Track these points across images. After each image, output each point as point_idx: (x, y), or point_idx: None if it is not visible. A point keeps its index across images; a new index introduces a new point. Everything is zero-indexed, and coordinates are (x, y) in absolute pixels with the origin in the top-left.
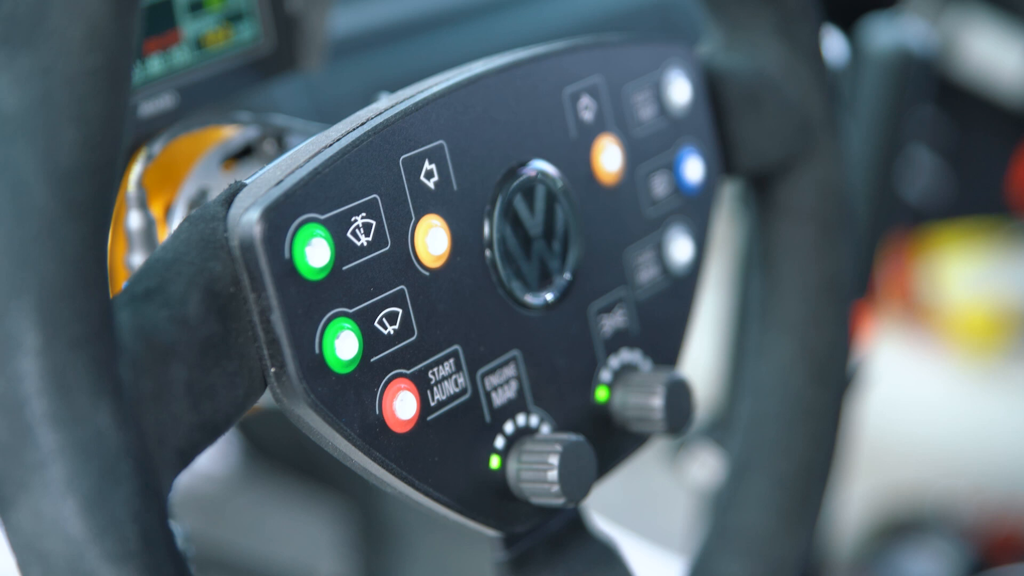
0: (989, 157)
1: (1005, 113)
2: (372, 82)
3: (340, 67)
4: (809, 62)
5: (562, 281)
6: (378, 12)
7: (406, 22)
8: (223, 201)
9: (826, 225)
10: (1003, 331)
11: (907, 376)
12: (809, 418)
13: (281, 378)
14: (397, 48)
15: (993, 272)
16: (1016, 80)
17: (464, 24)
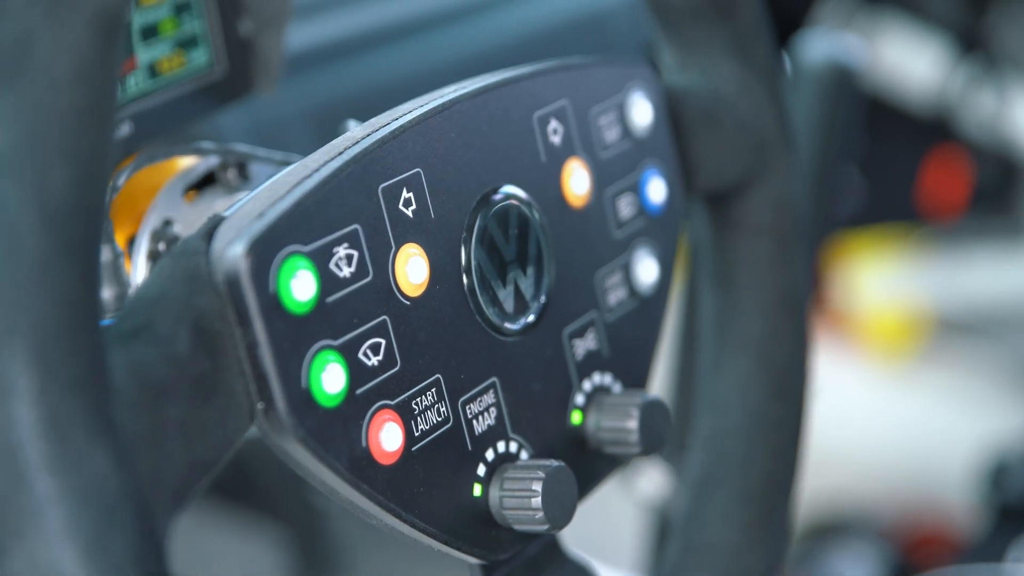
0: (899, 164)
1: (914, 120)
2: (312, 104)
3: (278, 89)
4: (763, 80)
5: (537, 306)
6: (314, 32)
7: (342, 42)
8: (204, 235)
9: (781, 240)
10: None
11: (824, 381)
12: (770, 432)
13: (269, 413)
14: (335, 68)
15: (905, 277)
16: (925, 87)
17: (401, 43)
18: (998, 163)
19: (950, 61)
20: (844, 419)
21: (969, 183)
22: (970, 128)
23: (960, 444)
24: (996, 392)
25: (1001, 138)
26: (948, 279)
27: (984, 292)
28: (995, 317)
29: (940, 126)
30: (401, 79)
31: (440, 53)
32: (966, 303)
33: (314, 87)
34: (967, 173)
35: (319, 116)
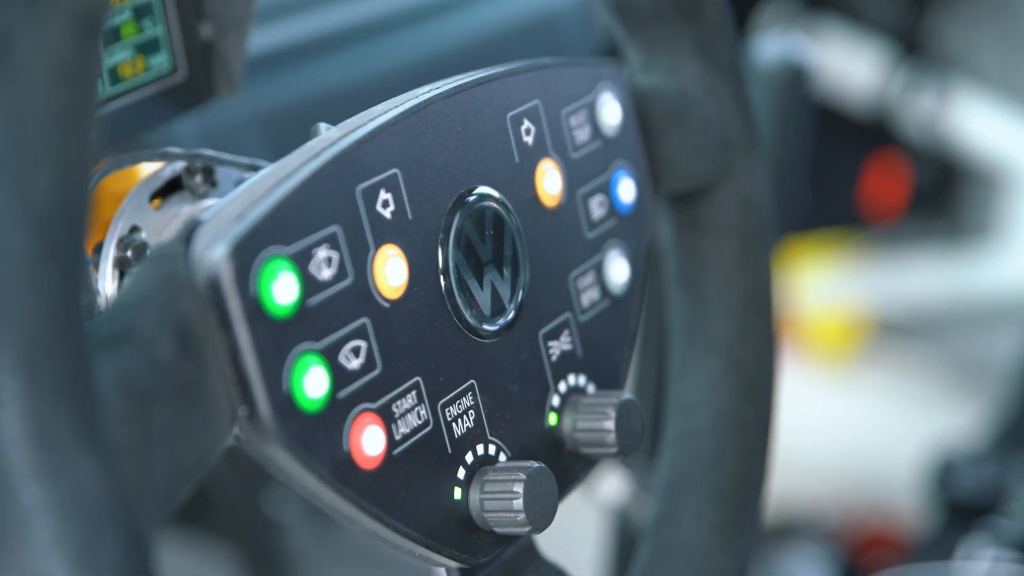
0: (839, 168)
1: (854, 124)
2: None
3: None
4: (729, 80)
5: (513, 307)
6: (265, 37)
7: (294, 47)
8: (182, 239)
9: (748, 240)
10: (857, 337)
11: None
12: (740, 432)
13: (251, 418)
14: (286, 73)
15: (846, 281)
16: (864, 91)
17: (353, 47)
18: (937, 166)
19: (889, 64)
20: (788, 422)
21: (909, 186)
22: (909, 131)
23: (904, 445)
24: (937, 393)
25: (940, 141)
26: (889, 282)
27: (924, 294)
28: (935, 319)
29: (880, 130)
30: (353, 83)
31: (393, 57)
32: (906, 305)
33: (266, 92)
34: (907, 176)
35: (272, 121)
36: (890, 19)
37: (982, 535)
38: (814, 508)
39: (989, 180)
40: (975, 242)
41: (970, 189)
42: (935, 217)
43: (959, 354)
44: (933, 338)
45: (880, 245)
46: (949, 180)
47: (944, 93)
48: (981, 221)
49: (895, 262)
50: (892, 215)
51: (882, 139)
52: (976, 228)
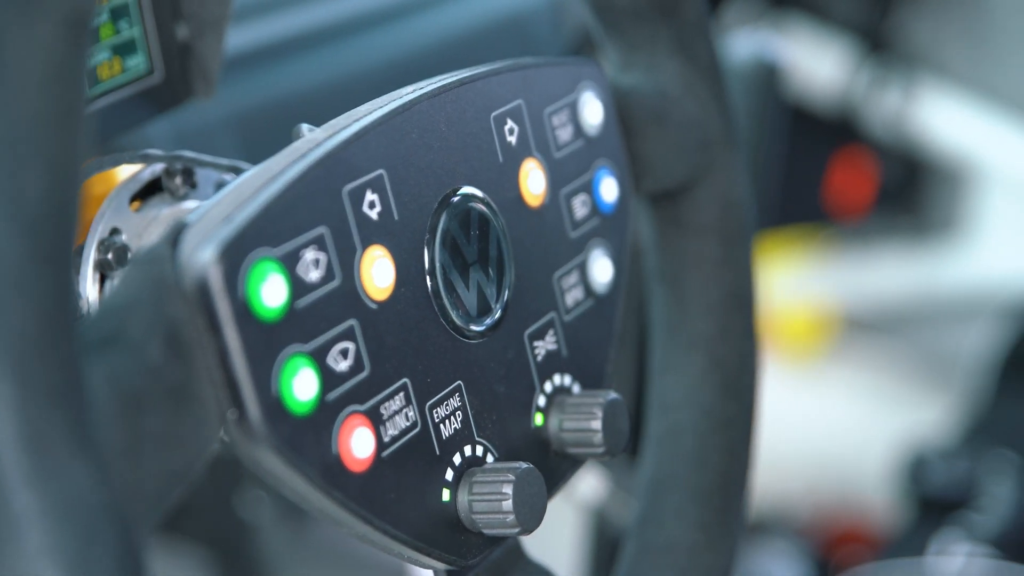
0: (806, 165)
1: (820, 121)
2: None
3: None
4: (708, 78)
5: (499, 307)
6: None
7: (264, 49)
8: (169, 242)
9: (729, 238)
10: (824, 334)
11: None
12: (723, 430)
13: (241, 422)
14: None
15: (813, 277)
16: (831, 88)
17: (323, 48)
18: (903, 162)
19: (854, 62)
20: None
21: (875, 182)
22: (875, 128)
23: (873, 440)
24: (905, 388)
25: (906, 137)
26: (856, 278)
27: (891, 290)
28: (902, 314)
29: (846, 127)
30: (325, 84)
31: (364, 57)
32: (874, 301)
33: (238, 93)
34: (873, 173)
35: (244, 122)
36: (855, 17)
37: (954, 530)
38: (785, 504)
39: (954, 176)
40: (941, 238)
41: (936, 185)
42: (901, 213)
43: (926, 349)
44: (900, 334)
45: (847, 242)
46: (915, 176)
47: (909, 90)
48: (947, 217)
49: (862, 258)
50: (858, 212)
51: (848, 136)
52: (942, 224)
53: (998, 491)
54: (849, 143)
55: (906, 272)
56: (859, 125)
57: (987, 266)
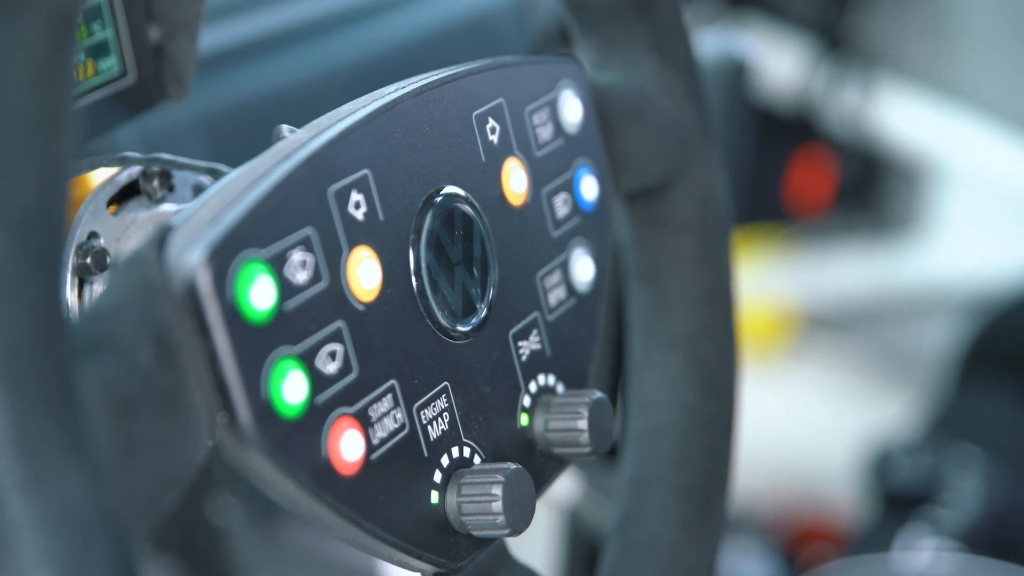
0: (765, 164)
1: (779, 120)
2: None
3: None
4: (684, 76)
5: (483, 308)
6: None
7: (230, 50)
8: (155, 244)
9: (706, 236)
10: (785, 332)
11: None
12: (704, 428)
13: (231, 426)
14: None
15: (774, 275)
16: (789, 87)
17: (288, 49)
18: (861, 160)
19: (813, 60)
20: None
21: (835, 180)
22: (834, 126)
23: (835, 437)
24: (866, 385)
25: (864, 135)
26: (816, 276)
27: (852, 287)
28: (863, 311)
29: (805, 125)
30: (292, 86)
31: (329, 59)
32: (834, 299)
33: (205, 95)
34: (832, 171)
35: (211, 124)
36: (812, 15)
37: (920, 525)
38: (748, 502)
39: (913, 173)
40: (900, 235)
41: (894, 182)
42: (861, 211)
43: (887, 346)
44: (861, 331)
45: (807, 240)
46: (874, 174)
47: (868, 88)
48: (906, 214)
49: (822, 256)
50: (818, 209)
51: (807, 134)
52: (901, 221)
53: (963, 486)
54: (808, 141)
55: (866, 269)
56: (818, 123)
57: (946, 262)
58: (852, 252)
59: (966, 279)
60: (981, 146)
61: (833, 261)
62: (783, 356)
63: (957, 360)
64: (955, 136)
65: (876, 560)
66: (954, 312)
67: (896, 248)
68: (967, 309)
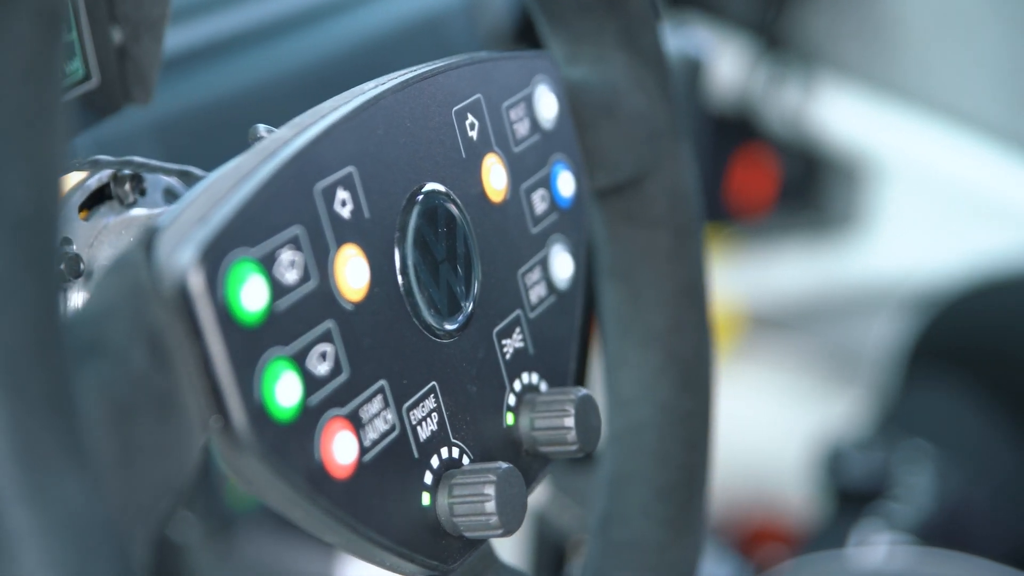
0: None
1: (719, 120)
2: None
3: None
4: (654, 70)
5: (468, 306)
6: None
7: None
8: (142, 247)
9: (679, 231)
10: (731, 332)
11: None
12: (682, 424)
13: (225, 429)
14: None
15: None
16: (729, 86)
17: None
18: (802, 158)
19: (752, 59)
20: None
21: (776, 180)
22: (774, 125)
23: (784, 437)
24: (813, 383)
25: (804, 133)
26: (760, 276)
27: (796, 286)
28: (807, 310)
29: (745, 124)
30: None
31: (280, 62)
32: (779, 298)
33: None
34: (774, 170)
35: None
36: (751, 14)
37: (873, 520)
38: None
39: (854, 171)
40: (843, 233)
41: (836, 180)
42: (802, 210)
43: (832, 344)
44: (806, 329)
45: (750, 240)
46: (815, 172)
47: (807, 86)
48: (847, 212)
49: (766, 256)
50: (761, 209)
51: (748, 134)
52: (843, 219)
53: (914, 480)
54: (749, 141)
55: (810, 268)
56: (758, 123)
57: (888, 259)
58: (795, 251)
59: (908, 275)
60: (921, 143)
61: (776, 261)
62: (729, 357)
63: (902, 356)
64: (895, 133)
65: (831, 557)
66: (898, 308)
67: (839, 246)
68: (910, 305)
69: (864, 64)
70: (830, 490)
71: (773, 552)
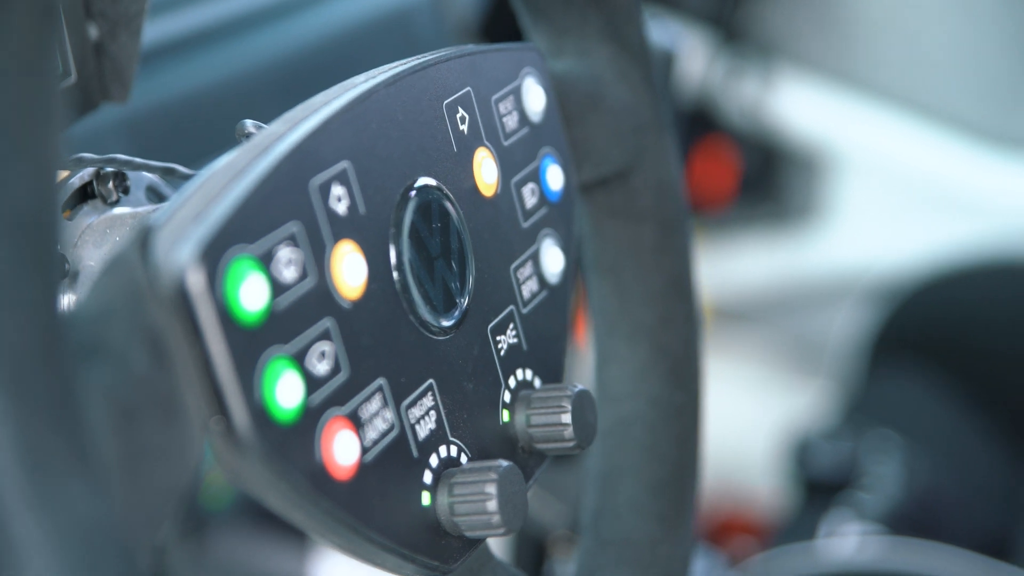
0: None
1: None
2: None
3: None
4: (638, 63)
5: (463, 302)
6: None
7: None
8: (138, 247)
9: (665, 224)
10: None
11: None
12: (673, 419)
13: (227, 431)
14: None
15: None
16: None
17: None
18: (762, 150)
19: (710, 52)
20: None
21: (736, 172)
22: (734, 117)
23: (749, 429)
24: (776, 375)
25: (763, 125)
26: (722, 269)
27: (758, 279)
28: (769, 302)
29: (704, 117)
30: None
31: (246, 59)
32: (740, 291)
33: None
34: (734, 162)
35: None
36: (709, 7)
37: (842, 511)
38: None
39: (813, 162)
40: (803, 224)
41: (795, 172)
42: (763, 202)
43: (795, 335)
44: (769, 321)
45: (711, 232)
46: (775, 164)
47: (766, 78)
48: (806, 203)
49: (727, 249)
50: (721, 202)
51: (707, 127)
52: (802, 210)
53: (882, 469)
54: (709, 133)
55: (771, 260)
56: (718, 115)
57: (849, 250)
58: (756, 243)
59: (869, 266)
60: (879, 133)
61: (738, 253)
62: None
63: (866, 346)
64: (853, 124)
65: (803, 549)
66: (860, 299)
67: (799, 237)
68: (872, 296)
69: (822, 56)
70: (799, 480)
71: (742, 544)
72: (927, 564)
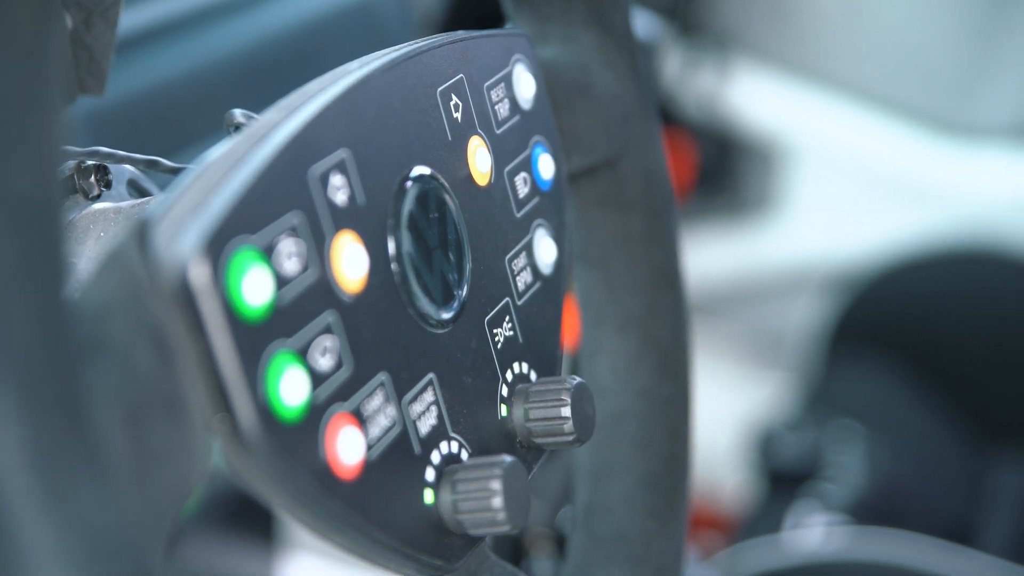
0: None
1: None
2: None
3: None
4: (624, 50)
5: (461, 294)
6: None
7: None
8: (135, 241)
9: (653, 213)
10: None
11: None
12: (663, 411)
13: (231, 430)
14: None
15: None
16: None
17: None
18: (718, 142)
19: (666, 44)
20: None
21: (694, 164)
22: (690, 109)
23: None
24: (736, 368)
25: (720, 117)
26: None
27: (715, 271)
28: (728, 295)
29: (661, 109)
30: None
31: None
32: (699, 283)
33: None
34: (692, 155)
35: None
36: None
37: (808, 502)
38: None
39: (769, 154)
40: (760, 216)
41: (752, 164)
42: (720, 194)
43: (754, 327)
44: (728, 313)
45: None
46: (731, 156)
47: (722, 70)
48: (764, 195)
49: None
50: (679, 194)
51: (664, 119)
52: (759, 202)
53: (845, 460)
54: (665, 126)
55: (729, 252)
56: (674, 108)
57: (806, 241)
58: (714, 235)
59: (827, 257)
60: (834, 124)
61: (695, 246)
62: None
63: (825, 337)
64: (809, 115)
65: (769, 542)
66: (817, 290)
67: (757, 229)
68: (829, 287)
69: (778, 47)
70: (763, 472)
71: (708, 539)
72: (892, 552)
